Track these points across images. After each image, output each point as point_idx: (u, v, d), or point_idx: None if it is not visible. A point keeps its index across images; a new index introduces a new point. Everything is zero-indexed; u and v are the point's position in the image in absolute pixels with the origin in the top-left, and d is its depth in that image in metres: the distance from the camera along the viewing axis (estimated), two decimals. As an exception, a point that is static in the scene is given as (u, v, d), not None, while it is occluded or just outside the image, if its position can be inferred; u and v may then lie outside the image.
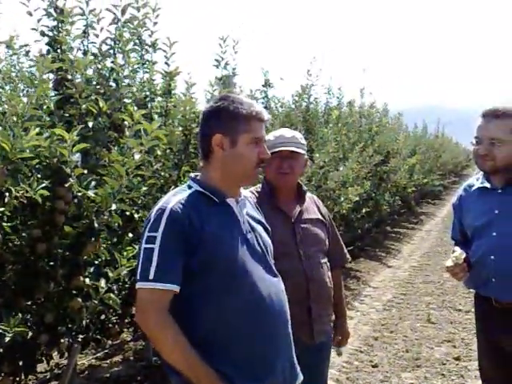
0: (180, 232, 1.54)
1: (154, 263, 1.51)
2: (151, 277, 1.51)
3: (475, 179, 2.49)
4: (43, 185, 2.43)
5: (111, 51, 3.28)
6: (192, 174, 1.76)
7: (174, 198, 1.61)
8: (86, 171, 2.66)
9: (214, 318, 1.56)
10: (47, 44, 3.07)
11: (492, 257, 2.27)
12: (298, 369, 1.74)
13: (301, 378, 1.75)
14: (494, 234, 2.28)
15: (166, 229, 1.54)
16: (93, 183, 2.67)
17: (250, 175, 1.72)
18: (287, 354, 1.69)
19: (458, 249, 2.35)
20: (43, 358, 2.84)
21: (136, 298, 1.55)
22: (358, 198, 6.68)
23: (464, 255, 2.29)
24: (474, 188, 2.45)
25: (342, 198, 6.35)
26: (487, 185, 2.37)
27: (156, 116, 3.59)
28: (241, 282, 1.59)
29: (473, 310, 2.58)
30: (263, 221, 1.82)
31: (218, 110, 1.67)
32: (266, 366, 1.60)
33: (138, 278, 1.54)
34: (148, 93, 3.55)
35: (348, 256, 2.64)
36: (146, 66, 3.51)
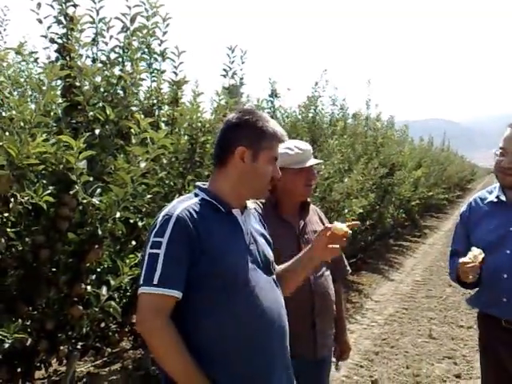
0: (186, 239, 1.54)
1: (159, 268, 1.51)
2: (155, 281, 1.50)
3: (487, 192, 2.39)
4: (48, 191, 2.44)
5: (120, 59, 3.29)
6: (199, 183, 1.76)
7: (181, 204, 1.61)
8: (91, 178, 2.66)
9: (213, 327, 1.55)
10: (56, 51, 3.08)
11: (505, 275, 2.18)
12: (295, 382, 1.73)
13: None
14: (508, 251, 2.19)
15: (172, 235, 1.54)
16: (98, 190, 2.67)
17: (262, 191, 1.75)
18: (284, 367, 1.68)
19: (475, 249, 2.18)
20: (41, 365, 2.83)
21: (137, 303, 1.54)
22: (362, 210, 6.66)
23: (482, 255, 2.13)
24: (486, 201, 2.35)
25: (346, 210, 6.34)
26: (503, 198, 2.26)
27: (163, 124, 3.59)
28: (241, 292, 1.59)
29: (475, 326, 2.54)
30: (266, 234, 1.82)
31: (246, 123, 1.69)
32: (262, 377, 1.60)
33: (142, 282, 1.53)
34: (155, 101, 3.56)
35: (348, 268, 2.62)
36: (153, 74, 3.52)
